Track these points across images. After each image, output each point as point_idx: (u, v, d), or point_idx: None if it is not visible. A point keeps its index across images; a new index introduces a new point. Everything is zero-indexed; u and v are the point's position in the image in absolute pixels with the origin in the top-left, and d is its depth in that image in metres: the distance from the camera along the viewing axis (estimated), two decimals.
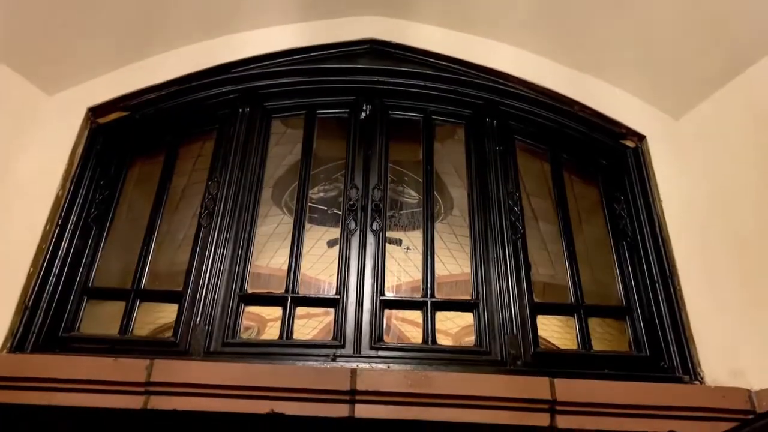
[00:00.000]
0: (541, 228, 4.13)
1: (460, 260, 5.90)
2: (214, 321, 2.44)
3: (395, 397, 2.20)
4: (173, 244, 3.27)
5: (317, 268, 4.93)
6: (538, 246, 2.95)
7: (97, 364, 2.19)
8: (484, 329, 2.49)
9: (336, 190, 5.15)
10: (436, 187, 3.25)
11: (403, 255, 6.17)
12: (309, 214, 6.18)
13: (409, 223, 6.25)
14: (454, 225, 5.78)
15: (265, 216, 5.73)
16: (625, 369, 2.38)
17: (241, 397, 2.16)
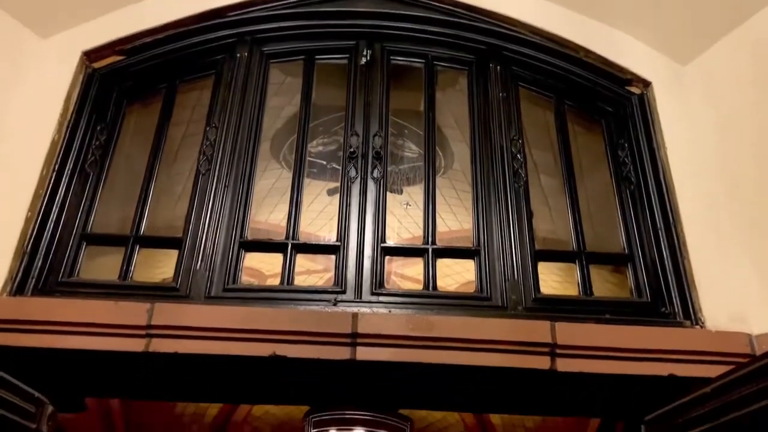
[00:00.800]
0: (542, 182, 4.10)
1: (460, 216, 5.89)
2: (215, 267, 2.43)
3: (396, 340, 2.20)
4: (172, 193, 3.24)
5: (317, 224, 4.92)
6: (539, 201, 2.93)
7: (98, 308, 2.19)
8: (485, 276, 2.48)
9: (335, 143, 5.09)
10: (438, 141, 3.20)
11: (403, 212, 6.17)
12: (308, 168, 6.13)
13: (409, 178, 6.22)
14: (455, 180, 5.76)
15: (263, 170, 5.69)
16: (626, 314, 2.38)
17: (242, 340, 2.16)
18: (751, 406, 1.79)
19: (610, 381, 2.20)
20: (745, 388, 1.83)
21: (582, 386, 2.25)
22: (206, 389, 2.46)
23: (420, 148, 5.06)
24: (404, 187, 5.94)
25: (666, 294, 2.42)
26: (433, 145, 2.89)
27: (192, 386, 2.42)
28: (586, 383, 2.22)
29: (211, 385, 2.40)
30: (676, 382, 2.15)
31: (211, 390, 2.48)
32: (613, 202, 2.75)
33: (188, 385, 2.41)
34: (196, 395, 2.78)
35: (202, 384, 2.39)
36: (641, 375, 2.17)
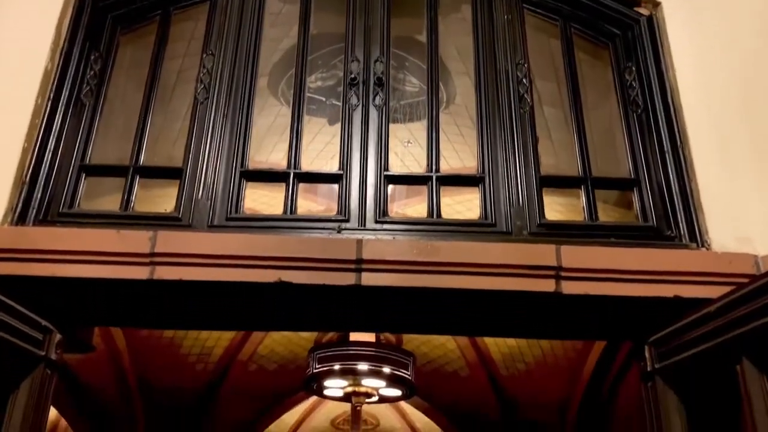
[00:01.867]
0: (546, 114, 4.04)
1: (463, 154, 5.84)
2: (216, 196, 2.40)
3: (401, 265, 2.20)
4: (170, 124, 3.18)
5: (317, 164, 4.86)
6: (543, 135, 2.88)
7: (100, 236, 2.17)
8: (489, 202, 2.46)
9: (334, 78, 4.99)
10: (440, 75, 3.11)
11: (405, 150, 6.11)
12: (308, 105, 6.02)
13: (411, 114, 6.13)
14: (457, 115, 5.68)
15: (262, 108, 5.60)
16: (631, 238, 2.37)
17: (247, 267, 2.16)
18: (755, 323, 1.80)
19: (615, 303, 2.20)
20: (749, 305, 1.83)
21: (587, 308, 2.26)
22: (212, 317, 2.48)
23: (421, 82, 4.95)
24: (406, 124, 5.87)
25: (672, 217, 2.41)
26: (436, 65, 2.80)
27: (198, 314, 2.44)
28: (591, 305, 2.23)
29: (217, 313, 2.41)
30: (680, 303, 2.16)
31: (217, 318, 2.50)
32: (619, 127, 2.70)
33: (194, 313, 2.42)
34: (202, 323, 2.81)
35: (209, 311, 2.40)
36: (646, 297, 2.18)
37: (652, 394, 2.19)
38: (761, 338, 1.79)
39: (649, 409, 2.20)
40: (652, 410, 2.18)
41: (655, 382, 2.18)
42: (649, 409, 2.20)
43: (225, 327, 3.44)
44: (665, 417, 2.13)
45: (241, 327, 2.74)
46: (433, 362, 9.31)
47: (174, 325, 3.05)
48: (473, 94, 2.76)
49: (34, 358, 2.10)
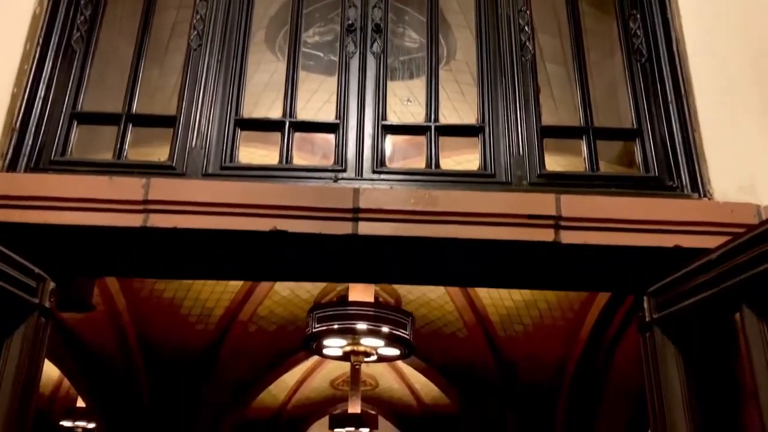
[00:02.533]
0: (548, 70, 3.96)
1: (462, 112, 5.76)
2: (211, 145, 2.36)
3: (399, 215, 2.17)
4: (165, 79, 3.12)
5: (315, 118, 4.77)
6: (545, 93, 2.82)
7: (92, 183, 2.14)
8: (489, 153, 2.41)
9: (332, 33, 4.89)
10: (440, 29, 3.01)
11: (404, 108, 6.02)
12: (305, 60, 5.91)
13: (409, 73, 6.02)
14: (458, 72, 5.58)
15: (258, 64, 5.50)
16: (633, 188, 2.34)
17: (242, 215, 2.13)
18: (755, 270, 1.78)
19: (614, 253, 2.18)
20: (750, 252, 1.80)
21: (586, 259, 2.24)
22: (208, 267, 2.46)
23: (421, 36, 4.85)
24: (405, 81, 5.79)
25: (674, 168, 2.36)
26: (436, 14, 2.72)
27: (193, 264, 2.41)
28: (590, 255, 2.21)
29: (212, 263, 2.39)
30: (681, 253, 2.13)
31: (212, 267, 2.48)
32: (622, 80, 2.64)
33: (189, 263, 2.40)
34: (197, 273, 2.79)
35: (204, 261, 2.38)
36: (646, 246, 2.15)
37: (650, 345, 2.18)
38: (761, 285, 1.77)
39: (647, 360, 2.19)
40: (649, 361, 2.17)
41: (653, 333, 2.17)
42: (646, 360, 2.19)
43: (220, 277, 3.42)
44: (663, 367, 2.12)
45: (236, 277, 2.72)
46: (432, 324, 9.39)
47: (169, 274, 3.03)
48: (473, 42, 2.68)
49: (28, 305, 2.08)
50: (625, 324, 7.26)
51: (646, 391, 2.16)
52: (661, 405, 2.09)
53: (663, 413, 2.08)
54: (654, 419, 2.11)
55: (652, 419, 2.11)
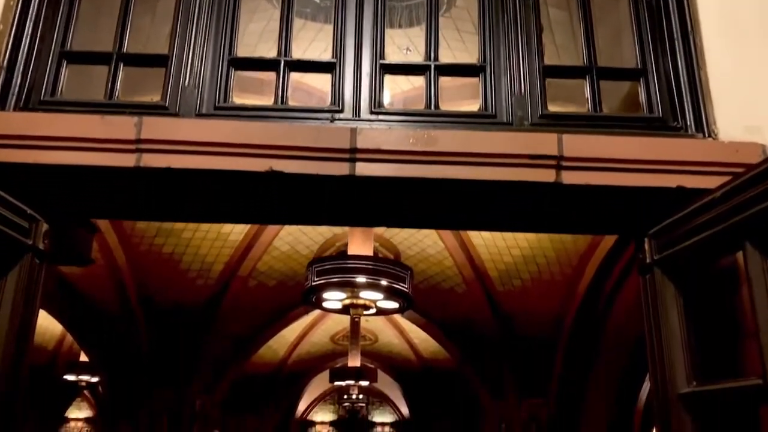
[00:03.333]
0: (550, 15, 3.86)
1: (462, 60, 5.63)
2: (204, 84, 2.29)
3: (397, 155, 2.12)
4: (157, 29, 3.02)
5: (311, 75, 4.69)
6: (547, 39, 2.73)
7: (84, 122, 2.09)
8: (490, 93, 2.35)
9: None
10: None
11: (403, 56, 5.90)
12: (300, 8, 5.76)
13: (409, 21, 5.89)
14: (458, 20, 5.45)
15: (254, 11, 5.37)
16: (636, 129, 2.29)
17: (237, 155, 2.09)
18: (759, 206, 1.75)
19: (617, 194, 2.14)
20: (754, 189, 1.77)
21: (587, 200, 2.20)
22: (202, 208, 2.42)
23: None
24: (404, 29, 5.67)
25: (679, 108, 2.30)
26: None
27: (188, 205, 2.38)
28: (592, 197, 2.17)
29: (207, 204, 2.36)
30: (684, 193, 2.10)
31: (207, 209, 2.44)
32: (627, 22, 2.56)
33: (184, 204, 2.36)
34: (192, 215, 2.75)
35: (198, 203, 2.34)
36: (649, 187, 2.11)
37: (650, 287, 2.16)
38: (765, 222, 1.74)
39: (647, 301, 2.17)
40: (649, 302, 2.16)
41: (654, 274, 2.15)
42: (646, 301, 2.18)
43: (215, 219, 3.35)
44: (663, 308, 2.10)
45: (231, 219, 2.68)
46: (431, 279, 9.43)
47: (163, 216, 3.00)
48: None
49: (22, 247, 2.06)
50: (623, 277, 7.30)
51: (646, 332, 2.15)
52: (660, 345, 2.08)
53: (662, 354, 2.07)
54: (653, 360, 2.11)
55: (651, 360, 2.11)
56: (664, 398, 2.04)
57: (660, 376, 2.06)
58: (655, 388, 2.10)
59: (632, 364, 7.71)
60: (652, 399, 2.14)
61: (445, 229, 7.07)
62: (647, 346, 2.14)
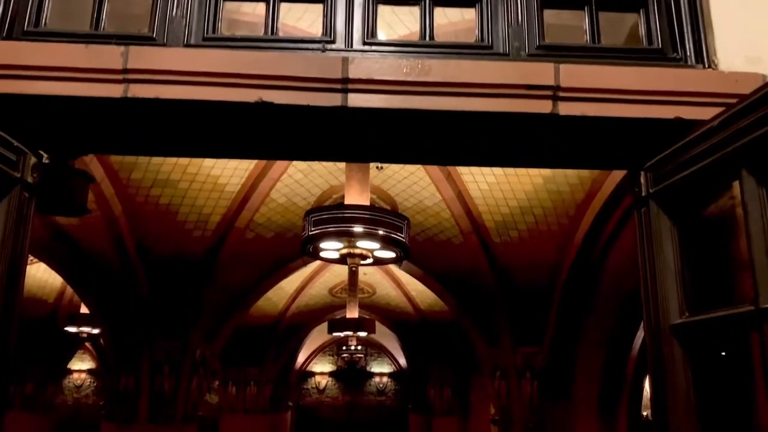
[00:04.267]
0: None
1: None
2: (192, 14, 2.23)
3: (390, 85, 2.08)
4: None
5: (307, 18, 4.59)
6: None
7: (69, 51, 2.04)
8: (486, 23, 2.29)
9: None
10: None
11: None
12: None
13: None
14: None
15: None
16: (635, 60, 2.24)
17: (227, 86, 2.04)
18: (756, 133, 1.72)
19: (613, 125, 2.11)
20: (752, 116, 1.74)
21: (583, 132, 2.17)
22: (191, 141, 2.38)
23: None
24: None
25: (678, 39, 2.25)
26: None
27: (176, 138, 2.34)
28: (588, 128, 2.14)
29: (196, 137, 2.32)
30: (682, 125, 2.06)
31: (196, 143, 2.40)
32: None
33: (172, 137, 2.32)
34: (181, 149, 2.71)
35: (187, 136, 2.30)
36: (646, 118, 2.08)
37: (645, 220, 2.15)
38: (762, 149, 1.72)
39: (641, 235, 2.17)
40: (644, 236, 2.15)
41: (649, 207, 2.14)
42: (641, 235, 2.17)
43: (204, 153, 3.26)
44: (657, 241, 2.10)
45: (221, 154, 2.62)
46: (428, 231, 9.43)
47: (152, 150, 2.95)
48: None
49: (9, 179, 2.03)
50: (620, 227, 7.31)
51: (639, 265, 2.15)
52: (653, 278, 2.08)
53: (655, 286, 2.07)
54: (646, 293, 2.11)
55: (644, 293, 2.11)
56: (657, 330, 2.05)
57: (653, 309, 2.07)
58: (647, 320, 2.11)
59: (626, 313, 7.80)
60: (645, 332, 2.15)
61: (440, 164, 7.02)
62: (641, 279, 2.14)
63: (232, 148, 2.45)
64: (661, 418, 2.00)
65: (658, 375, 2.02)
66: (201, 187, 8.01)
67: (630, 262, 5.89)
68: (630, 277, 7.39)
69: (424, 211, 9.22)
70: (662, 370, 2.00)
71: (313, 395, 23.50)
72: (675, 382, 1.96)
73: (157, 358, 8.42)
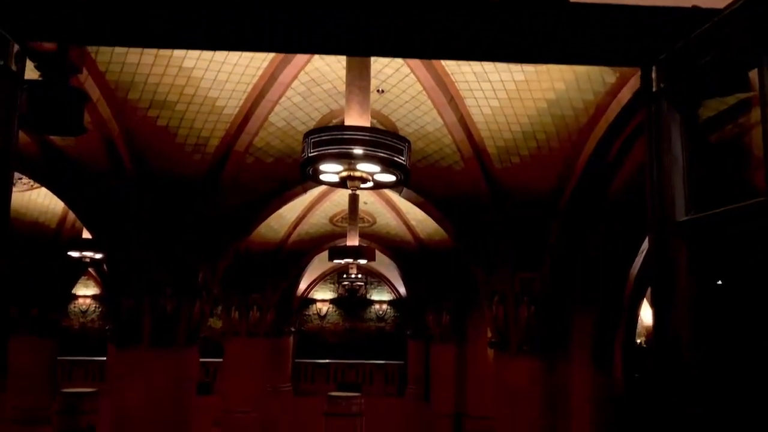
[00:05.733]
0: None
1: None
2: None
3: None
4: None
5: None
6: None
7: None
8: None
9: None
10: None
11: None
12: None
13: None
14: None
15: None
16: None
17: None
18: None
19: (627, 14, 2.00)
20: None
21: (595, 22, 2.06)
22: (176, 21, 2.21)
23: None
24: None
25: None
26: None
27: (158, 22, 2.19)
28: (600, 17, 2.03)
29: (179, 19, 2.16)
30: (698, 15, 1.95)
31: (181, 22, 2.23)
32: None
33: (152, 21, 2.17)
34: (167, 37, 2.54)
35: (170, 18, 2.16)
36: (662, 6, 1.97)
37: (654, 116, 2.08)
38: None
39: (650, 132, 2.10)
40: (653, 133, 2.08)
41: (660, 104, 2.06)
42: (649, 132, 2.10)
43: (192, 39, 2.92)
44: (666, 139, 2.03)
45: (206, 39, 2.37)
46: (429, 158, 9.35)
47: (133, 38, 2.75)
48: None
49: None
50: (623, 152, 7.23)
51: (647, 163, 2.09)
52: (660, 176, 2.03)
53: (662, 183, 2.02)
54: (652, 191, 2.06)
55: (651, 191, 2.06)
56: (662, 228, 2.01)
57: (659, 207, 2.02)
58: (652, 219, 2.06)
59: (626, 239, 7.81)
60: (649, 232, 2.11)
61: (447, 58, 6.87)
62: (647, 177, 2.09)
63: (216, 33, 2.27)
64: (663, 319, 1.99)
65: (661, 275, 1.99)
66: (199, 109, 7.87)
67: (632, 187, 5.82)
68: (632, 203, 7.35)
69: (425, 137, 9.11)
70: (665, 269, 1.97)
71: (314, 321, 24.04)
72: (678, 281, 1.94)
73: (157, 280, 8.49)
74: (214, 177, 8.52)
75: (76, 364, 21.97)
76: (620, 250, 8.01)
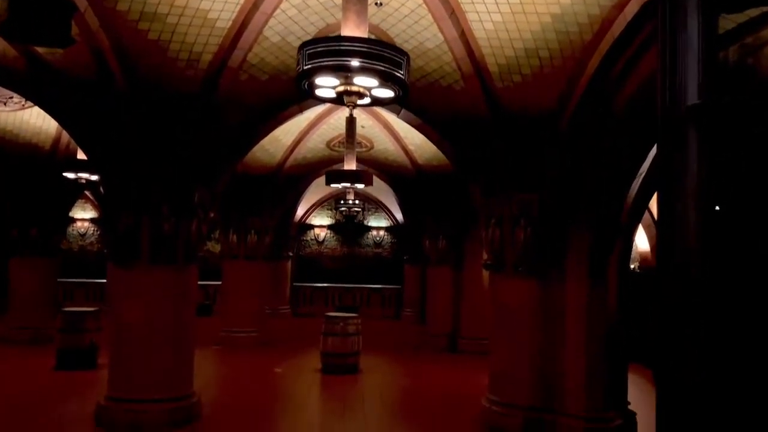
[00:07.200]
0: None
1: None
2: None
3: None
4: None
5: None
6: None
7: None
8: None
9: None
10: None
11: None
12: None
13: None
14: None
15: None
16: None
17: None
18: None
19: None
20: None
21: None
22: None
23: None
24: None
25: None
26: None
27: None
28: None
29: None
30: None
31: None
32: None
33: None
34: None
35: None
36: None
37: None
38: None
39: (663, 10, 1.97)
40: (667, 11, 1.95)
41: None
42: (663, 10, 1.97)
43: None
44: (681, 17, 1.91)
45: None
46: (428, 76, 9.12)
47: None
48: None
49: None
50: (628, 69, 7.05)
51: (659, 45, 1.98)
52: (673, 57, 1.93)
53: (675, 66, 1.92)
54: (664, 73, 1.96)
55: (662, 72, 1.97)
56: (672, 112, 1.92)
57: (670, 90, 1.93)
58: (662, 103, 1.98)
59: (626, 161, 7.73)
60: (659, 117, 2.02)
61: None
62: (659, 59, 1.98)
63: None
64: (668, 204, 1.93)
65: (670, 160, 1.92)
66: (190, 22, 7.61)
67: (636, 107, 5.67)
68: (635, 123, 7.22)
69: (424, 54, 8.86)
70: (675, 154, 1.89)
71: (312, 246, 24.28)
72: (687, 166, 1.87)
73: (154, 200, 8.44)
74: (208, 94, 8.33)
75: (78, 286, 22.32)
76: (619, 172, 7.93)
